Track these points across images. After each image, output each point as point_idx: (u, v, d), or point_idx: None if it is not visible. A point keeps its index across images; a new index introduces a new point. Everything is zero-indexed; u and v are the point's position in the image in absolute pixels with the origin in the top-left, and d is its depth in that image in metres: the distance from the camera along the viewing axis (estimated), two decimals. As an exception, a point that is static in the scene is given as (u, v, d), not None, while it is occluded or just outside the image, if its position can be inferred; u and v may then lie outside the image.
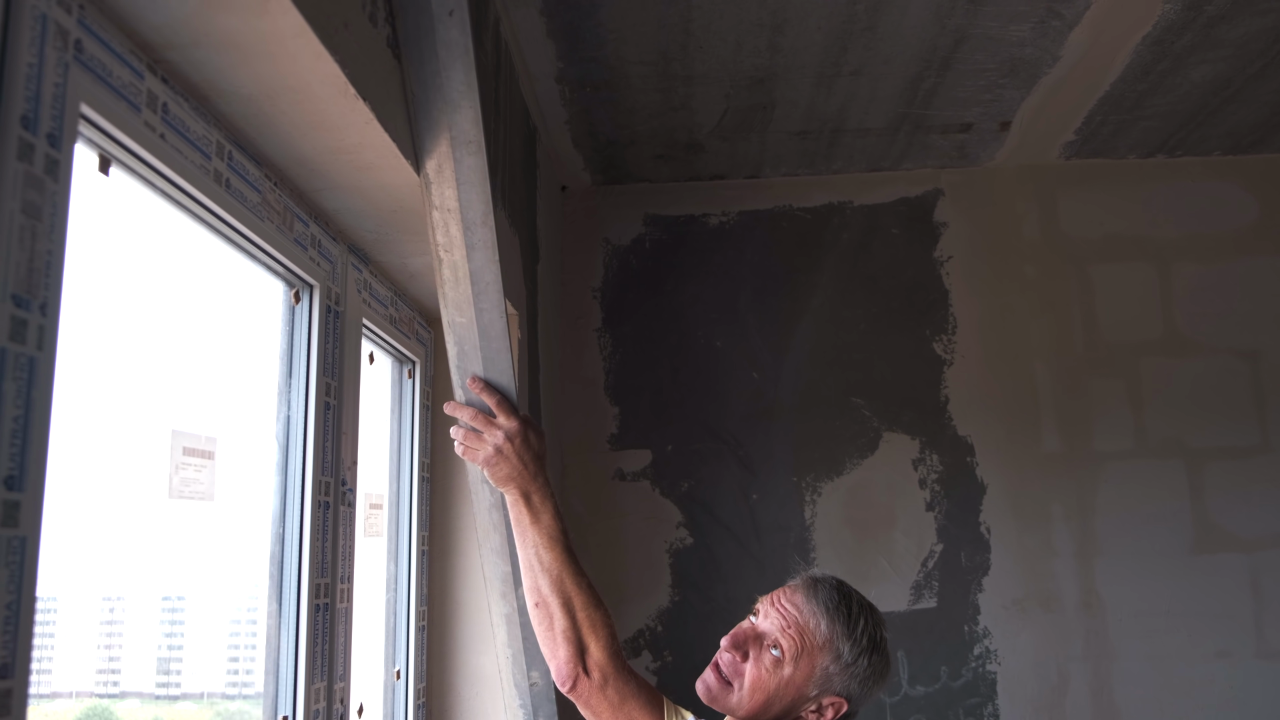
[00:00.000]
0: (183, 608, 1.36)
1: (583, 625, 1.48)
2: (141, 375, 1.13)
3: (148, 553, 1.16)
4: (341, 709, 1.57)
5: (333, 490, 1.56)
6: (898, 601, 2.77)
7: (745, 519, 2.82)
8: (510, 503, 1.51)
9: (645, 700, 1.51)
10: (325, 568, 1.51)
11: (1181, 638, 2.72)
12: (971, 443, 2.83)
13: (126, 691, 1.25)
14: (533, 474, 1.48)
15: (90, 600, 1.21)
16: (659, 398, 2.90)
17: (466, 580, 2.11)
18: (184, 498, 1.13)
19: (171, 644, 1.34)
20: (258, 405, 1.44)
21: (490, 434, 1.47)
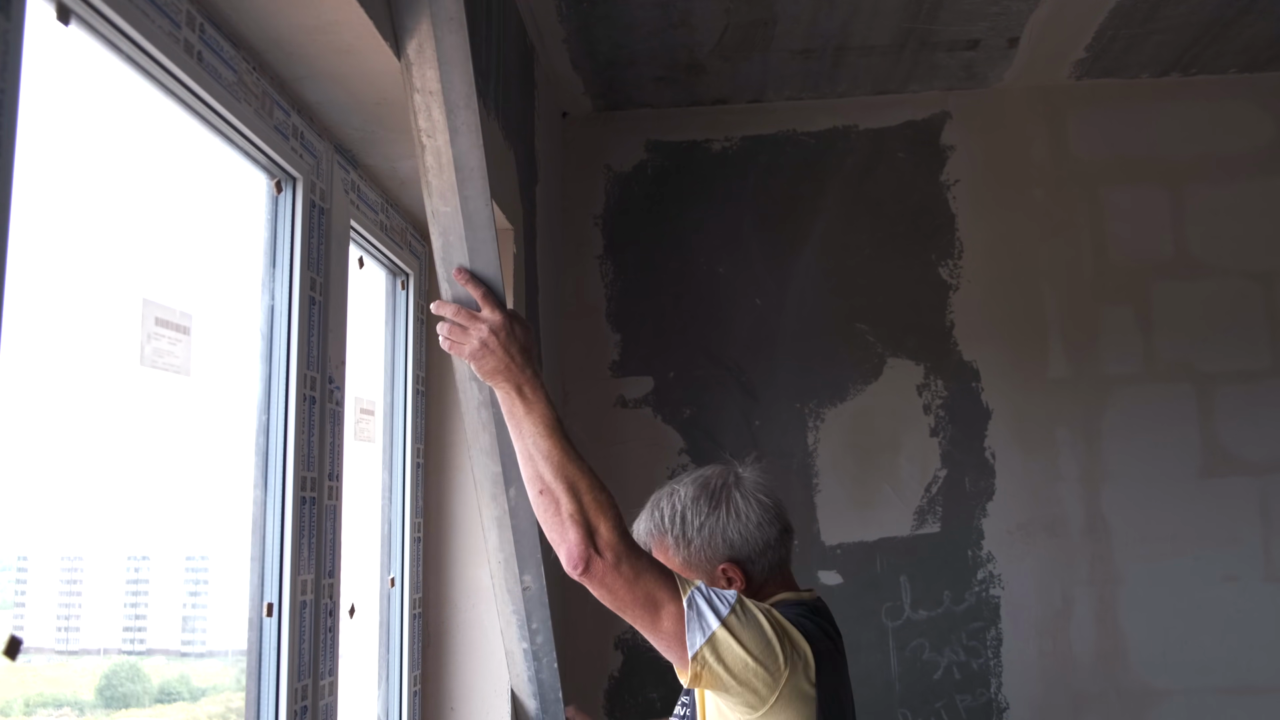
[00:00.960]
0: (205, 567, 1.39)
1: (589, 507, 1.44)
2: (108, 241, 1.12)
3: (119, 434, 1.15)
4: (330, 604, 1.57)
5: (319, 387, 1.55)
6: (901, 527, 2.76)
7: (747, 445, 2.81)
8: (502, 398, 1.49)
9: (659, 573, 1.47)
10: (312, 462, 1.51)
11: (1188, 562, 2.70)
12: (977, 368, 2.80)
13: (153, 649, 1.28)
14: (520, 366, 1.46)
15: (115, 560, 1.22)
16: (661, 325, 2.88)
17: (463, 494, 2.11)
18: (157, 368, 1.12)
19: (196, 603, 1.35)
20: (239, 294, 1.43)
21: (475, 328, 1.45)
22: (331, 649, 1.57)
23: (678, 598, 1.44)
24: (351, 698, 1.79)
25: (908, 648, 2.73)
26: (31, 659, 1.11)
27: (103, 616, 1.20)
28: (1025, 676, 2.69)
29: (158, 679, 1.26)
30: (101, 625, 1.20)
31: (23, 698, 1.05)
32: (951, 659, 2.72)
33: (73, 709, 1.15)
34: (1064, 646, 2.70)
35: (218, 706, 1.37)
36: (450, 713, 2.06)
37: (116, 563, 1.22)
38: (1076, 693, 2.68)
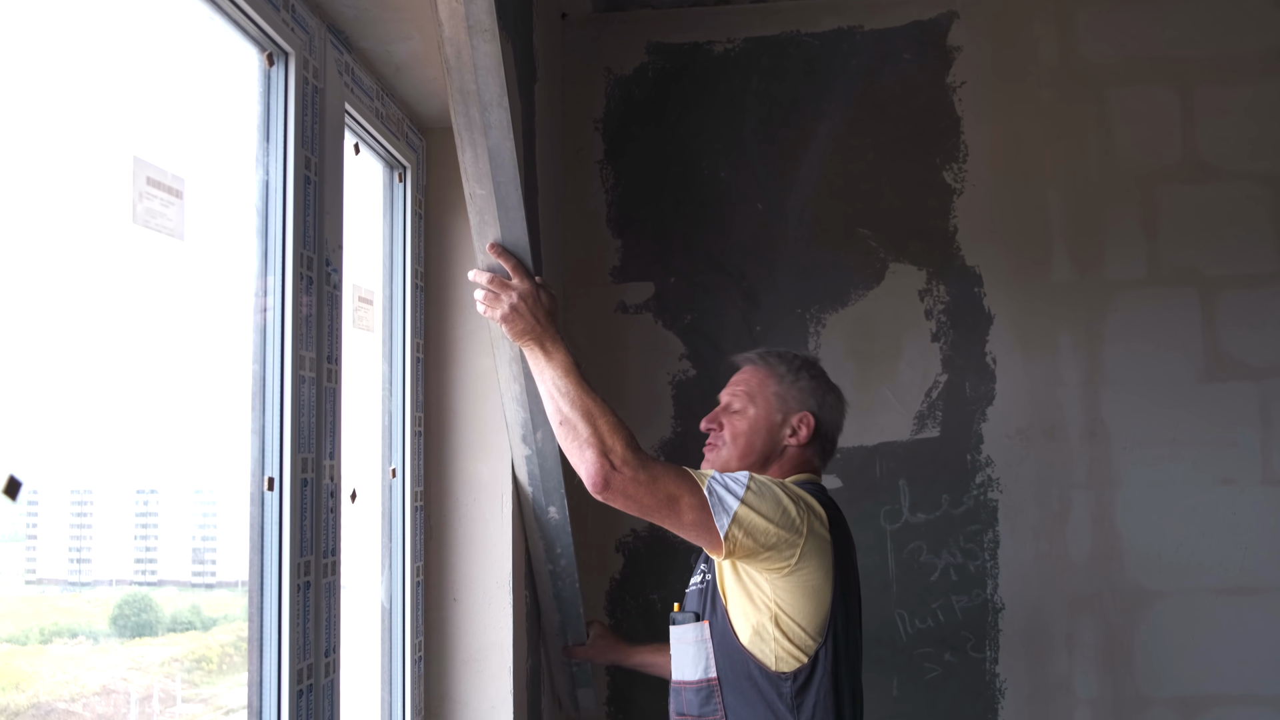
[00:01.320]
0: (214, 500, 1.44)
1: (603, 430, 1.65)
2: (96, 97, 1.10)
3: (114, 297, 1.14)
4: (332, 485, 1.58)
5: (316, 268, 1.54)
6: (900, 431, 2.77)
7: (749, 351, 2.80)
8: (529, 354, 1.73)
9: (674, 472, 1.70)
10: (310, 342, 1.51)
11: (1186, 465, 2.71)
12: (979, 273, 2.78)
13: (164, 580, 1.32)
14: (544, 327, 1.69)
15: (125, 493, 1.25)
16: (662, 230, 2.85)
17: (463, 390, 2.11)
18: (149, 228, 1.11)
19: (205, 535, 1.42)
20: (233, 167, 1.41)
21: (506, 295, 1.68)
22: (334, 529, 1.58)
23: (696, 489, 1.68)
24: (355, 584, 1.82)
25: (905, 550, 2.76)
26: (45, 590, 1.16)
27: (113, 549, 1.24)
28: (1021, 578, 2.73)
29: (169, 609, 1.31)
30: (112, 557, 1.24)
31: (38, 627, 1.09)
32: (949, 561, 2.75)
33: (87, 638, 1.19)
34: (1060, 549, 2.73)
35: (229, 635, 1.42)
36: (453, 604, 2.09)
37: (125, 497, 1.26)
38: (1072, 594, 2.71)
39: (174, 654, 1.32)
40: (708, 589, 1.82)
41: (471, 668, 2.08)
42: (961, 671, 2.72)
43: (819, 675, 1.74)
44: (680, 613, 1.88)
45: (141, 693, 1.24)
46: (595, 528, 2.75)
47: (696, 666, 1.80)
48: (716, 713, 1.77)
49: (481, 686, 2.07)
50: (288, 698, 1.43)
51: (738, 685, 1.75)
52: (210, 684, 1.41)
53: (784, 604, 1.72)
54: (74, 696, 1.12)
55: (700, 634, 1.80)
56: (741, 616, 1.75)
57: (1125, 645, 2.70)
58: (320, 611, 1.53)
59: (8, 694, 1.04)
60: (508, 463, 2.09)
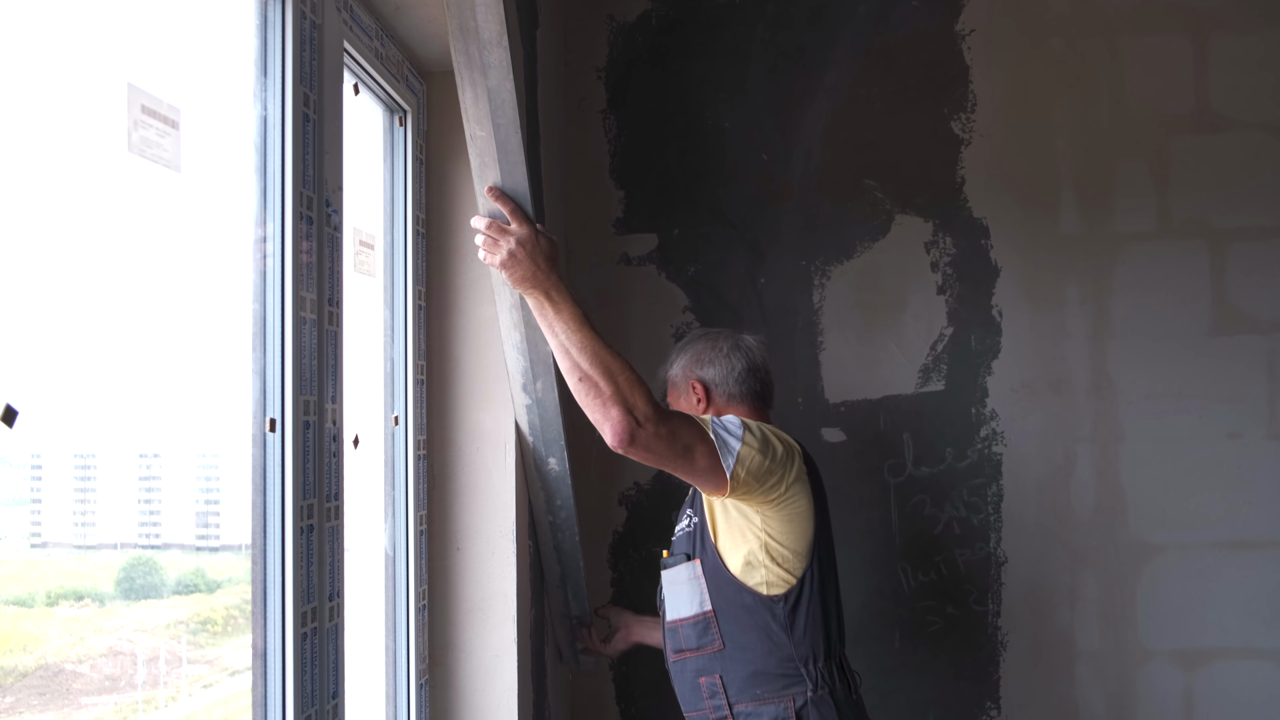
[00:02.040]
0: (216, 464, 1.46)
1: (624, 387, 1.68)
2: (84, 15, 1.06)
3: (108, 230, 1.12)
4: (334, 430, 1.56)
5: (316, 208, 1.51)
6: (905, 385, 2.75)
7: (752, 303, 2.78)
8: (532, 304, 1.71)
9: (688, 423, 1.78)
10: (310, 283, 1.48)
11: (1192, 419, 2.70)
12: (986, 225, 2.75)
13: (168, 543, 1.33)
14: (546, 273, 1.67)
15: (128, 457, 1.26)
16: (665, 181, 2.82)
17: (466, 338, 2.09)
18: (145, 158, 1.08)
19: (208, 499, 1.43)
20: (230, 101, 1.38)
21: (505, 240, 1.67)
22: (336, 474, 1.57)
23: (706, 436, 1.78)
24: (358, 530, 1.81)
25: (909, 504, 2.75)
26: (50, 553, 1.18)
27: (117, 512, 1.25)
28: (1024, 532, 2.72)
29: (174, 572, 1.33)
30: (116, 521, 1.26)
31: (44, 590, 1.10)
32: (952, 515, 2.74)
33: (93, 600, 1.21)
34: (1064, 503, 2.72)
35: (234, 598, 1.43)
36: (457, 552, 2.08)
37: (128, 460, 1.27)
38: (1075, 547, 2.71)
39: (179, 616, 1.34)
40: (696, 530, 1.97)
41: (476, 616, 2.08)
42: (963, 624, 2.73)
43: (807, 594, 1.89)
44: (670, 556, 2.01)
45: (148, 654, 1.26)
46: (598, 481, 2.75)
47: (691, 602, 1.93)
48: (714, 642, 1.91)
49: (486, 635, 2.07)
50: (292, 640, 1.42)
51: (733, 614, 1.89)
52: (215, 645, 1.43)
53: (774, 532, 1.87)
54: (81, 658, 1.14)
55: (693, 572, 1.94)
56: (732, 550, 1.89)
57: (1127, 599, 2.70)
58: (324, 555, 1.52)
59: (15, 655, 1.05)
60: (510, 412, 2.07)
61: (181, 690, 1.34)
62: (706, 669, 1.93)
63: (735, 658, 1.90)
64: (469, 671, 2.08)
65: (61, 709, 1.11)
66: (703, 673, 1.93)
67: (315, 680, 1.50)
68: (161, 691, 1.28)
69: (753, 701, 1.88)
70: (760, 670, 1.88)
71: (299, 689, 1.45)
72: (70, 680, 1.12)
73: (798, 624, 1.88)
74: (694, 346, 2.15)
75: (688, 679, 1.97)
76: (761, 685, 1.87)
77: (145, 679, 1.23)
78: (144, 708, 1.24)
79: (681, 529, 2.03)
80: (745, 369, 2.11)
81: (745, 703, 1.88)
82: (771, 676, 1.87)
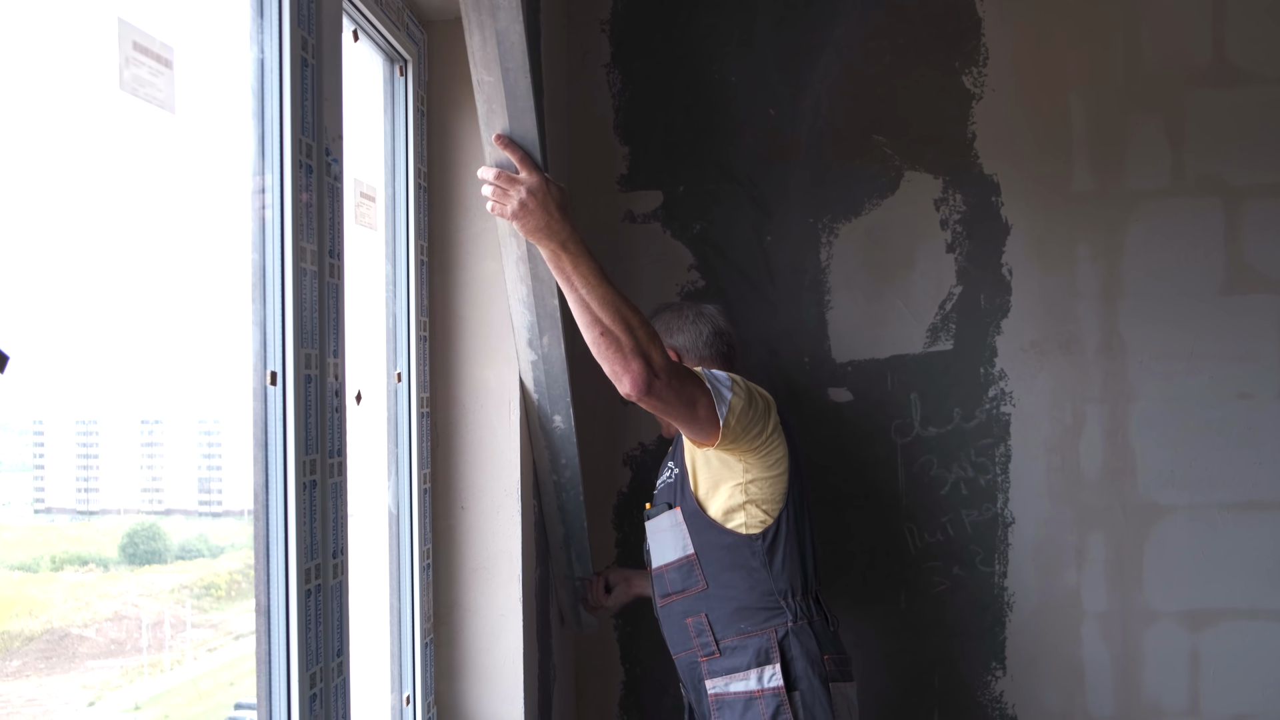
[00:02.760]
0: (218, 430, 1.45)
1: (644, 340, 1.72)
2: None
3: (101, 169, 1.08)
4: (336, 384, 1.53)
5: (316, 156, 1.47)
6: (913, 344, 2.72)
7: (759, 261, 2.74)
8: (547, 255, 1.70)
9: (691, 375, 1.85)
10: (310, 233, 1.44)
11: (1203, 379, 2.67)
12: (997, 181, 2.70)
13: (171, 509, 1.35)
14: (559, 222, 1.66)
15: (129, 423, 1.26)
16: (671, 136, 2.77)
17: (470, 293, 2.06)
18: (137, 97, 1.04)
19: (210, 464, 1.43)
20: (225, 42, 1.33)
21: (514, 189, 1.65)
22: (339, 429, 1.54)
23: (706, 389, 1.86)
24: (361, 488, 1.79)
25: (916, 464, 2.73)
26: (54, 519, 1.20)
27: (119, 478, 1.26)
28: (1032, 492, 2.70)
29: (177, 537, 1.33)
30: (119, 487, 1.26)
31: (49, 555, 1.11)
32: (959, 475, 2.72)
33: (98, 565, 1.22)
34: (1072, 463, 2.70)
35: (237, 563, 1.44)
36: (461, 511, 2.06)
37: (129, 427, 1.27)
38: (1082, 508, 2.69)
39: (183, 581, 1.36)
40: (677, 481, 2.05)
41: (480, 575, 2.06)
42: (969, 585, 2.72)
43: (784, 532, 1.99)
44: (653, 508, 2.11)
45: (152, 618, 1.28)
46: (602, 441, 2.72)
47: (675, 548, 2.03)
48: (698, 583, 2.01)
49: (491, 594, 2.06)
50: (296, 597, 1.40)
51: (714, 555, 1.99)
52: (219, 610, 1.45)
53: (754, 476, 1.97)
54: (87, 622, 1.16)
55: (674, 519, 2.03)
56: (713, 496, 1.99)
57: (1134, 559, 2.69)
58: (327, 512, 1.50)
59: (21, 620, 1.06)
60: (515, 369, 2.04)
61: (186, 654, 1.36)
62: (692, 609, 2.02)
63: (719, 596, 2.00)
64: (474, 631, 2.07)
65: (68, 672, 1.13)
66: (689, 613, 2.03)
67: (319, 637, 1.48)
68: (166, 655, 1.30)
69: (737, 635, 1.98)
70: (743, 606, 1.98)
71: (303, 646, 1.44)
72: (76, 644, 1.13)
73: (776, 560, 1.98)
74: (659, 318, 2.25)
75: (675, 621, 2.06)
76: (745, 620, 1.98)
77: (150, 643, 1.25)
78: (149, 671, 1.26)
79: (663, 481, 2.12)
80: (712, 332, 2.22)
81: (731, 637, 1.99)
82: (754, 611, 1.98)
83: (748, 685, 1.95)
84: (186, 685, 1.38)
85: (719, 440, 1.89)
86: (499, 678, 2.07)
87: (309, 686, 1.45)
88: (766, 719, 1.92)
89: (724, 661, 1.98)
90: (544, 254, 1.71)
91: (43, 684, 1.07)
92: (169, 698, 1.32)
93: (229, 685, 1.50)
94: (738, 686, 1.96)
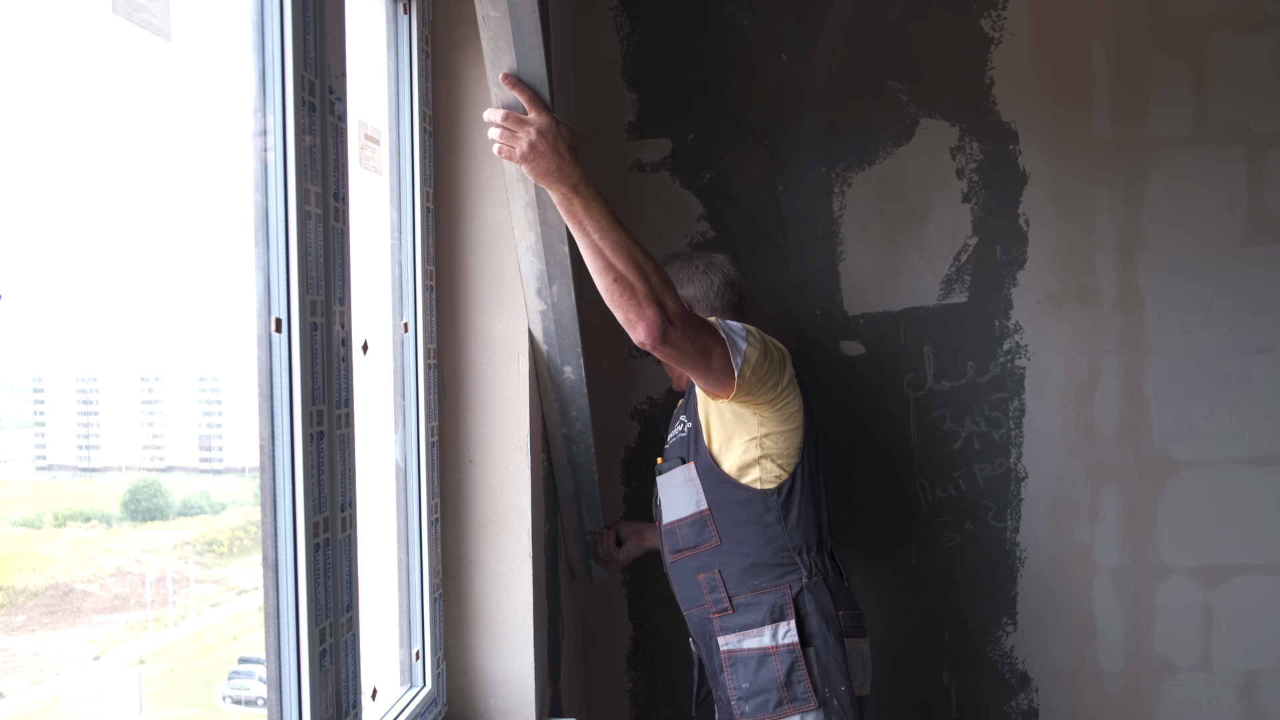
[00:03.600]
0: (218, 387, 1.44)
1: (658, 286, 1.67)
2: None
3: (93, 98, 1.02)
4: (342, 333, 1.48)
5: (319, 94, 1.41)
6: (927, 296, 2.66)
7: (770, 211, 2.68)
8: (558, 200, 1.64)
9: (706, 324, 1.81)
10: (314, 174, 1.39)
11: (1222, 332, 2.62)
12: (1015, 129, 2.63)
13: (172, 466, 1.34)
14: (570, 165, 1.60)
15: (129, 380, 1.25)
16: (680, 83, 2.69)
17: (477, 241, 2.00)
18: (131, 22, 0.98)
19: (210, 421, 1.41)
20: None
21: (524, 131, 1.58)
22: (346, 379, 1.50)
23: (721, 338, 1.81)
24: (368, 441, 1.74)
25: (928, 418, 2.69)
26: (55, 475, 1.20)
27: (120, 435, 1.24)
28: (1046, 447, 2.67)
29: (179, 494, 1.32)
30: (120, 443, 1.25)
31: (51, 512, 1.12)
32: (972, 429, 2.68)
33: (100, 522, 1.22)
34: (1087, 417, 2.66)
35: (239, 519, 1.43)
36: (469, 464, 2.02)
37: (129, 384, 1.25)
38: (1097, 462, 2.66)
39: (185, 537, 1.36)
40: (690, 436, 2.02)
41: (489, 530, 2.03)
42: (981, 540, 2.69)
43: (799, 487, 1.96)
44: (665, 463, 2.08)
45: (156, 574, 1.29)
46: (610, 395, 2.68)
47: (688, 503, 2.00)
48: (712, 539, 1.98)
49: (500, 549, 2.02)
50: (304, 549, 1.36)
51: (728, 510, 1.96)
52: (222, 566, 1.45)
53: (769, 430, 1.93)
54: (90, 578, 1.17)
55: (688, 474, 2.00)
56: (727, 451, 1.95)
57: (1148, 514, 2.66)
58: (335, 464, 1.45)
59: (26, 575, 1.06)
60: (524, 319, 1.99)
61: (190, 609, 1.37)
62: (705, 565, 1.99)
63: (732, 552, 1.97)
64: (483, 586, 2.04)
65: (73, 627, 1.13)
66: (701, 569, 2.00)
67: (329, 592, 1.45)
68: (170, 610, 1.31)
69: (751, 592, 1.95)
70: (757, 562, 1.95)
71: (313, 601, 1.40)
72: (80, 599, 1.14)
73: (790, 515, 1.95)
74: (669, 268, 2.17)
75: (687, 576, 2.03)
76: (759, 576, 1.95)
77: (154, 598, 1.25)
78: (153, 626, 1.26)
79: (675, 435, 2.09)
80: (723, 283, 2.17)
81: (744, 594, 1.96)
82: (768, 567, 1.95)
83: (761, 642, 1.92)
84: (191, 640, 1.39)
85: (734, 392, 1.84)
86: (509, 633, 2.05)
87: (318, 642, 1.42)
88: (781, 676, 1.89)
89: (737, 618, 1.95)
90: (554, 198, 1.65)
91: (48, 638, 1.08)
92: (173, 652, 1.34)
93: (233, 640, 1.51)
94: (751, 643, 1.93)
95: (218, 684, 1.54)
